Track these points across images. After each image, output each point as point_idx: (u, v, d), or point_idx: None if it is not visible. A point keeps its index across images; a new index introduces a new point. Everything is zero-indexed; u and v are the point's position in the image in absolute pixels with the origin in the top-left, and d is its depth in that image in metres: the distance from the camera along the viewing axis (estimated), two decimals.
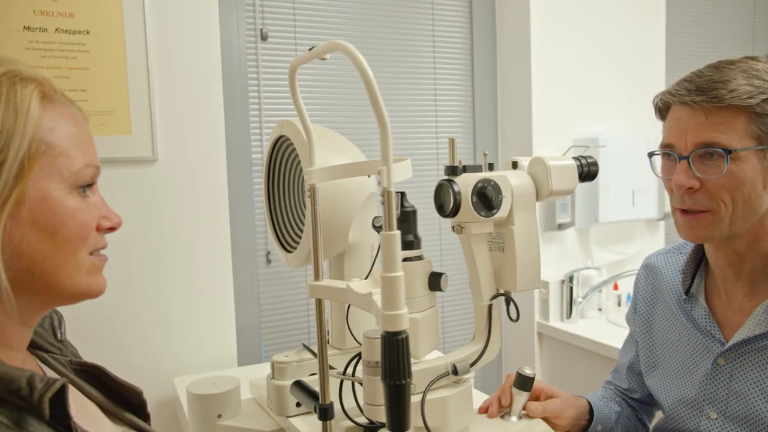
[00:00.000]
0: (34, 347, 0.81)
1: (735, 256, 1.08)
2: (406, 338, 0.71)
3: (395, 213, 0.71)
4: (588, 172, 1.23)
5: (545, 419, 1.19)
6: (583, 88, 2.53)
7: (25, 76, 0.66)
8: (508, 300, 1.17)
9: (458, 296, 2.55)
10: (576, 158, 1.22)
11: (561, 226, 2.48)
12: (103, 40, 1.82)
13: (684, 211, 1.05)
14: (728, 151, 0.97)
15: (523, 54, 2.48)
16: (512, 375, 1.21)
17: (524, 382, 1.18)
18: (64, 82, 1.78)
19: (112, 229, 0.74)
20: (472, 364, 1.14)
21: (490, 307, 1.16)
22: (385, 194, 0.71)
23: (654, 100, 1.11)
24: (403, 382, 0.72)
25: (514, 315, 1.16)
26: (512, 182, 1.13)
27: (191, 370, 1.96)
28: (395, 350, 0.71)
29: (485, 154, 1.19)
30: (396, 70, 2.43)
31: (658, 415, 1.30)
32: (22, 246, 0.64)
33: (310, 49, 0.85)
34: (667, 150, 1.06)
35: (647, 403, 1.34)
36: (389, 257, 0.71)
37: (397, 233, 0.72)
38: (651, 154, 1.14)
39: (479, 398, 1.40)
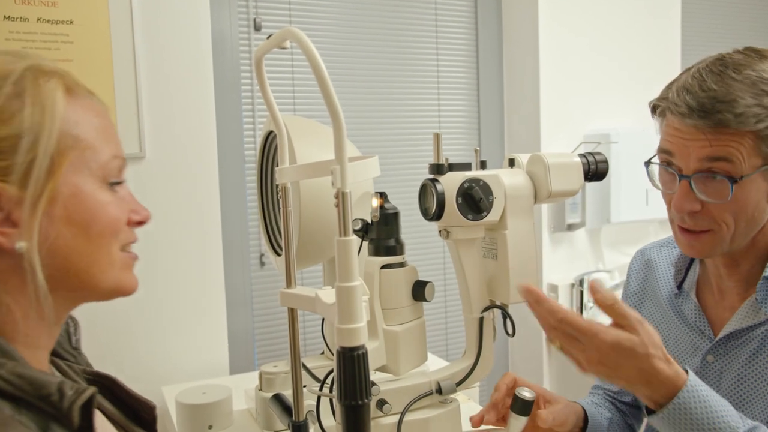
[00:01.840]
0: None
1: (732, 262, 1.05)
2: (364, 354, 0.70)
3: (350, 216, 0.68)
4: (596, 170, 1.18)
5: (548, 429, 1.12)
6: (595, 80, 2.49)
7: (46, 70, 0.66)
8: (504, 314, 1.08)
9: None
10: (583, 155, 1.17)
11: (571, 227, 2.45)
12: (87, 31, 1.77)
13: (684, 230, 1.01)
14: (733, 180, 0.92)
15: (531, 44, 2.42)
16: (503, 384, 1.12)
17: (524, 407, 1.09)
18: None
19: (141, 222, 0.75)
20: (460, 383, 1.05)
21: (481, 320, 1.08)
22: (339, 195, 0.67)
23: (650, 103, 1.04)
24: (361, 402, 0.70)
25: (510, 330, 1.09)
26: (505, 182, 1.04)
27: (180, 378, 1.92)
28: (352, 367, 0.69)
29: (476, 151, 1.10)
30: (396, 60, 2.38)
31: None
32: (57, 243, 0.65)
33: (268, 38, 0.83)
34: (667, 160, 1.00)
35: (637, 406, 1.30)
36: (344, 265, 0.69)
37: (353, 239, 0.68)
38: (648, 163, 1.07)
39: None
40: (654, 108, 1.03)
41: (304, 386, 1.04)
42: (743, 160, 0.91)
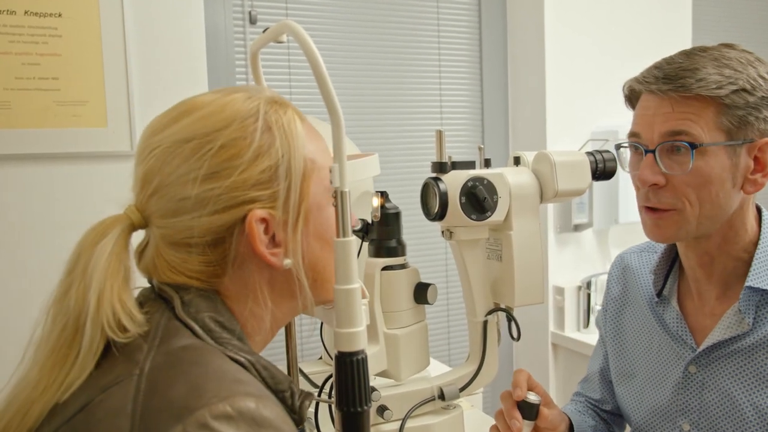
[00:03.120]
0: None
1: (705, 257, 1.06)
2: (364, 359, 0.70)
3: (348, 215, 0.69)
4: (604, 169, 1.20)
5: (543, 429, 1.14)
6: (603, 75, 2.47)
7: (280, 101, 0.75)
8: (509, 317, 1.08)
9: None
10: (590, 153, 1.18)
11: (578, 227, 2.43)
12: (76, 24, 1.76)
13: (649, 209, 1.03)
14: (694, 146, 0.96)
15: (536, 38, 2.42)
16: (509, 398, 1.11)
17: (529, 410, 1.09)
18: (34, 69, 1.73)
19: (354, 226, 0.82)
20: (463, 388, 1.06)
21: (485, 323, 1.08)
22: (338, 194, 0.68)
23: (623, 87, 1.09)
24: (361, 409, 0.70)
25: (515, 333, 1.10)
26: (510, 181, 1.05)
27: None
28: (350, 373, 0.69)
29: (480, 149, 1.10)
30: (396, 54, 2.37)
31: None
32: (309, 256, 0.74)
33: (263, 32, 0.83)
34: (634, 142, 1.05)
35: (619, 414, 1.31)
36: (343, 267, 0.69)
37: (352, 240, 0.69)
38: (618, 147, 1.12)
39: (487, 422, 1.34)
40: (626, 94, 1.09)
41: None
42: (704, 132, 0.96)
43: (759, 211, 1.07)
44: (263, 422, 0.60)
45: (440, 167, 1.03)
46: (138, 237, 0.75)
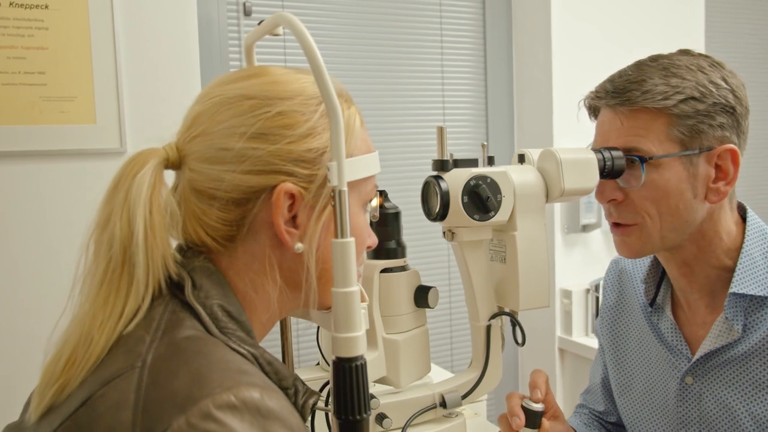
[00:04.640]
0: None
1: (684, 267, 1.08)
2: (363, 365, 0.70)
3: (347, 215, 0.68)
4: (612, 167, 1.18)
5: None
6: (611, 70, 2.41)
7: (346, 96, 0.80)
8: (513, 321, 1.08)
9: None
10: (598, 151, 1.16)
11: (586, 228, 2.44)
12: (63, 16, 1.77)
13: (615, 225, 1.06)
14: (644, 159, 0.98)
15: (542, 30, 2.42)
16: (514, 396, 1.11)
17: (532, 418, 1.09)
18: (20, 64, 1.74)
19: (370, 247, 0.85)
20: (465, 396, 1.06)
21: (488, 328, 1.08)
22: (336, 194, 0.68)
23: (583, 100, 1.13)
24: (359, 417, 0.69)
25: (519, 338, 1.10)
26: (514, 179, 1.05)
27: None
28: (349, 380, 0.69)
29: (484, 146, 1.10)
30: (397, 48, 2.38)
31: None
32: (322, 250, 0.75)
33: (258, 24, 0.83)
34: None
35: (623, 426, 1.31)
36: (341, 269, 0.69)
37: (351, 240, 0.69)
38: None
39: (491, 430, 1.37)
40: (588, 108, 1.12)
41: None
42: (655, 145, 0.99)
43: (743, 213, 1.08)
44: (268, 413, 0.61)
45: (441, 165, 1.03)
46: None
